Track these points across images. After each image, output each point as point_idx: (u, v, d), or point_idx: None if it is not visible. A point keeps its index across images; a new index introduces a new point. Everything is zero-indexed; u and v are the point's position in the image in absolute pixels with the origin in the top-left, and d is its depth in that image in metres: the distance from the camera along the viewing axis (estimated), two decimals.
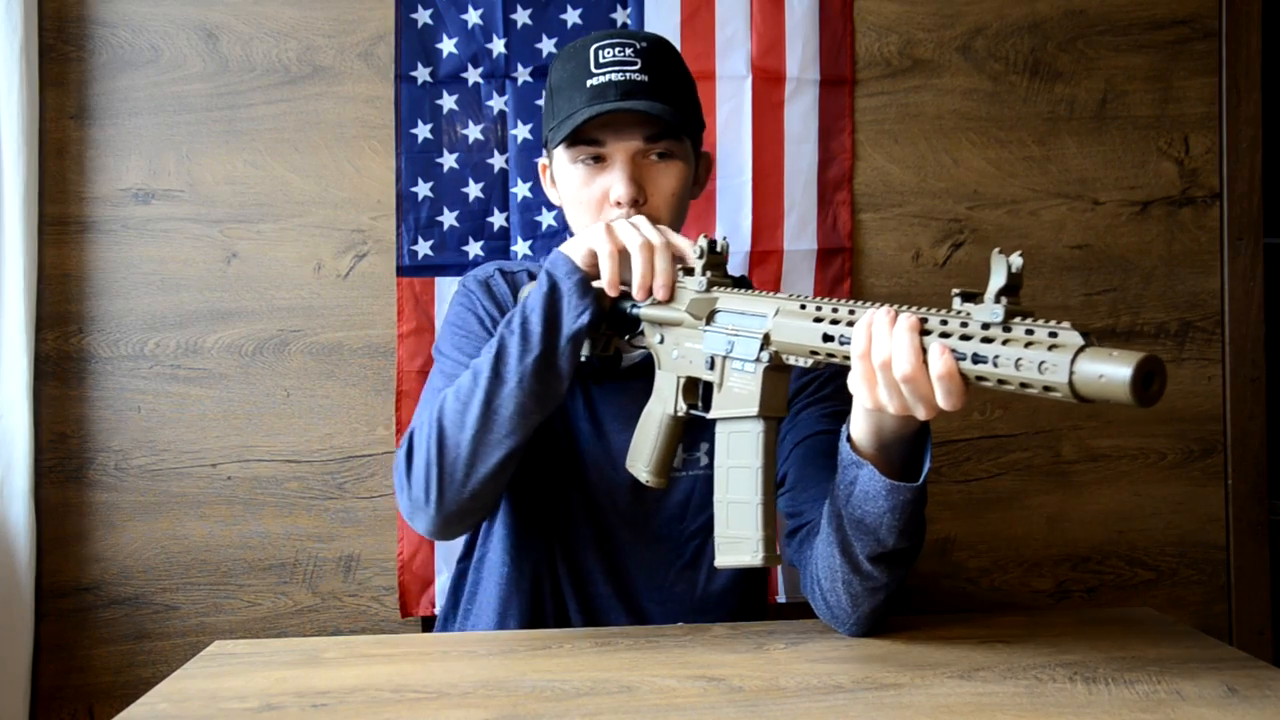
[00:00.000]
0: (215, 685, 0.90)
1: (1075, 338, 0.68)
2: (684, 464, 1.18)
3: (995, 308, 0.73)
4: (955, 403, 0.76)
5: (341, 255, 1.66)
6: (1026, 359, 0.70)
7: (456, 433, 1.01)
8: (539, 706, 0.83)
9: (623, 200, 1.09)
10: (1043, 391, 0.70)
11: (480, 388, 1.00)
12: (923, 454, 0.90)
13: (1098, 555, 1.74)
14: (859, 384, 0.82)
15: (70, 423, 1.63)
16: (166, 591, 1.63)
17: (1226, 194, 1.74)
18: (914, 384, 0.77)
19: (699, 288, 0.98)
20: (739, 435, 0.93)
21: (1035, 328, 0.71)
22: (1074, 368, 0.67)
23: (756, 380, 0.91)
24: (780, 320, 0.89)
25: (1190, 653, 0.95)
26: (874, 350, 0.79)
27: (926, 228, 1.71)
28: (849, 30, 1.69)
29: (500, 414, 1.00)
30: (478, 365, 1.02)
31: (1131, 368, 0.65)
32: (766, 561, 0.91)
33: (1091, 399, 0.67)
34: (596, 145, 1.10)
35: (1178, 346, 1.74)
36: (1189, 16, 1.73)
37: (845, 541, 0.94)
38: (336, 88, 1.65)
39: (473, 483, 1.01)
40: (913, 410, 0.79)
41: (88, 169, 1.63)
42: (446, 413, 1.02)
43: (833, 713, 0.81)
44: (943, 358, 0.74)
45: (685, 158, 1.14)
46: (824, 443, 1.09)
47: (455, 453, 1.01)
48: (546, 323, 1.00)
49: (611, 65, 1.10)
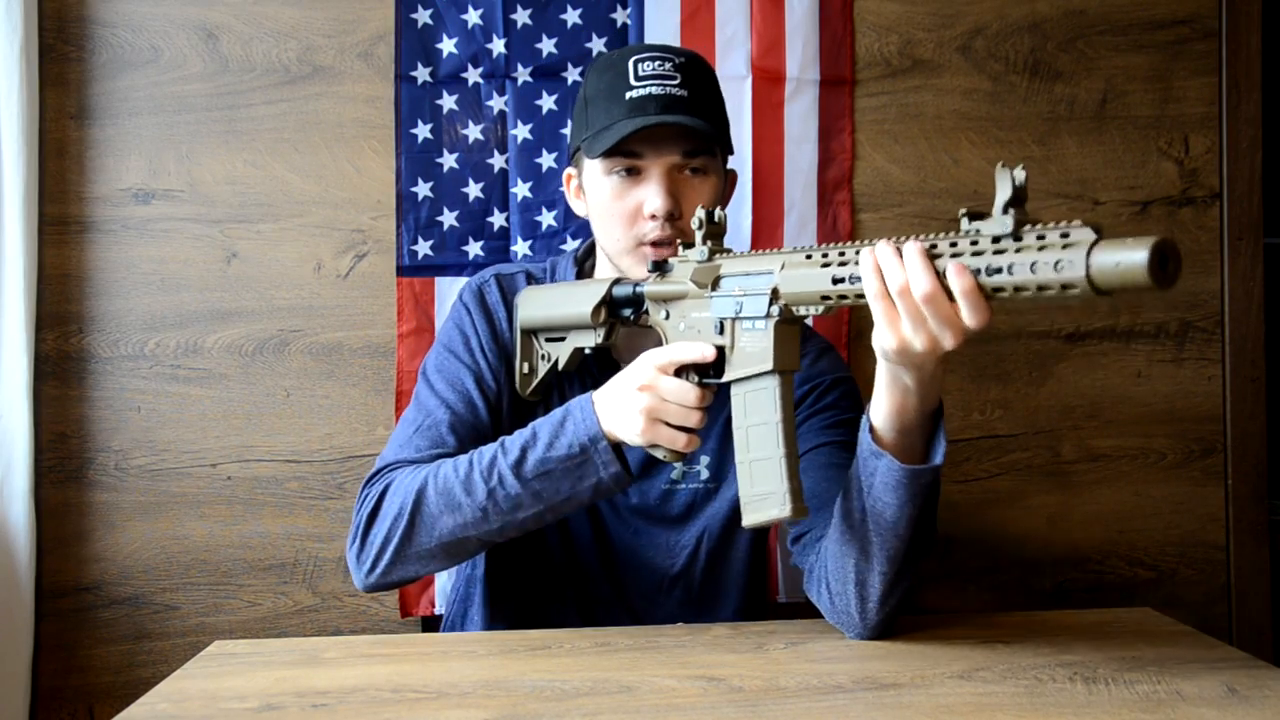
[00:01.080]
0: (215, 685, 0.90)
1: (1087, 234, 0.69)
2: (684, 476, 1.18)
3: (1004, 219, 0.73)
4: (981, 318, 0.76)
5: (341, 255, 1.66)
6: (1042, 261, 0.70)
7: (425, 536, 1.02)
8: (539, 706, 0.83)
9: (659, 213, 1.08)
10: (1061, 291, 0.70)
11: (463, 513, 1.01)
12: (935, 439, 0.91)
13: (1098, 555, 1.74)
14: (882, 328, 0.82)
15: (70, 423, 1.63)
16: (166, 591, 1.63)
17: (1226, 194, 1.74)
18: (935, 304, 0.77)
19: (700, 257, 0.98)
20: (755, 393, 0.93)
21: (1046, 232, 0.71)
22: (1090, 260, 0.68)
23: (768, 336, 0.92)
24: (787, 273, 0.89)
25: (1190, 653, 0.95)
26: (889, 279, 0.79)
27: (927, 228, 1.71)
28: (849, 30, 1.69)
29: (469, 542, 1.03)
30: (473, 481, 1.01)
31: (1148, 249, 0.65)
32: (795, 513, 0.90)
33: (1111, 290, 0.67)
34: (634, 158, 1.10)
35: (1178, 346, 1.74)
36: (1189, 16, 1.73)
37: (864, 539, 0.94)
38: (336, 88, 1.65)
39: (416, 573, 1.05)
40: (939, 338, 0.79)
41: (88, 169, 1.63)
42: (425, 509, 1.02)
43: (833, 713, 0.81)
44: (961, 275, 0.75)
45: (718, 173, 1.15)
46: (827, 454, 1.09)
47: (414, 550, 1.03)
48: (559, 493, 1.00)
49: (651, 79, 1.10)
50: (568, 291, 1.12)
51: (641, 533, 1.18)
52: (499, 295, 1.20)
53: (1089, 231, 0.69)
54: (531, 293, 1.16)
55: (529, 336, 1.15)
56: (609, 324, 1.07)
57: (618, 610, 1.19)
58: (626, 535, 1.18)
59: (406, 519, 1.02)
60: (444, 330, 1.21)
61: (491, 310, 1.19)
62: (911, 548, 0.93)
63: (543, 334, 1.14)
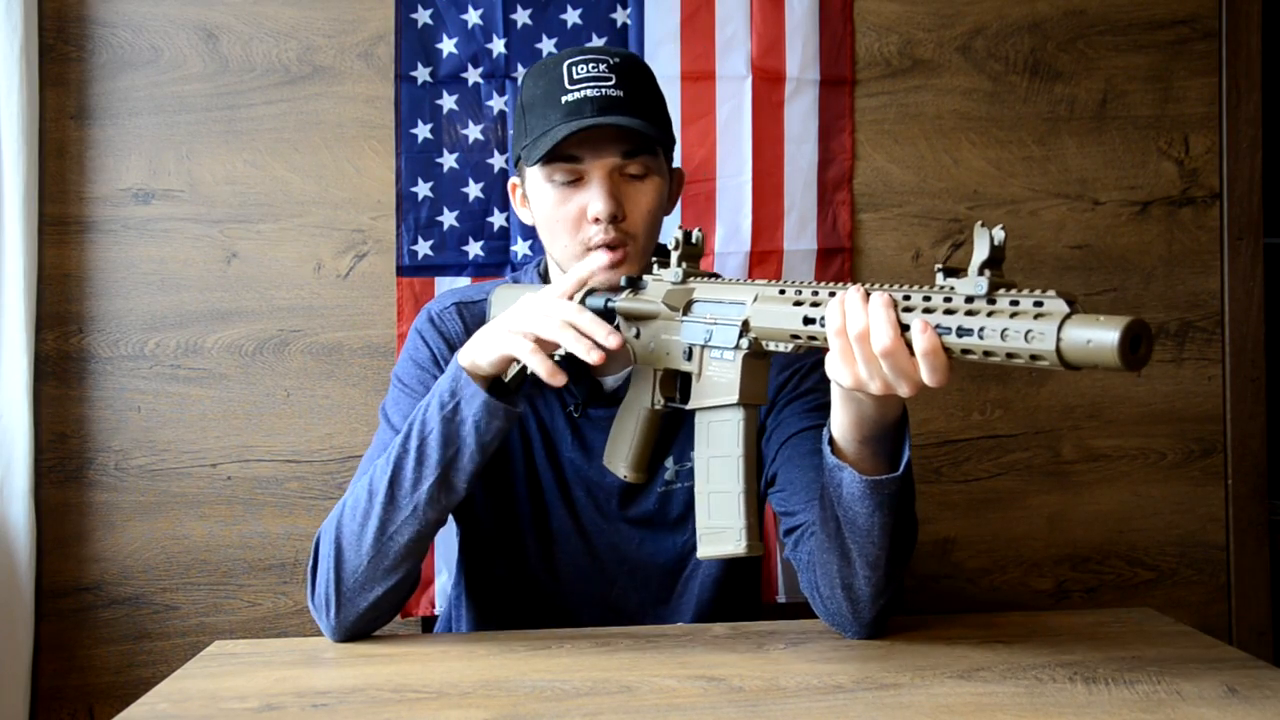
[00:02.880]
0: (215, 685, 0.90)
1: (1061, 305, 0.68)
2: (677, 475, 1.17)
3: (979, 280, 0.72)
4: (940, 379, 0.75)
5: (341, 255, 1.66)
6: (1013, 329, 0.69)
7: (353, 555, 1.01)
8: (539, 706, 0.83)
9: (602, 216, 1.05)
10: (1030, 361, 0.69)
11: (375, 514, 0.99)
12: (902, 445, 0.90)
13: (1098, 555, 1.74)
14: (838, 364, 0.81)
15: (70, 423, 1.63)
16: (166, 591, 1.63)
17: (1226, 194, 1.74)
18: (894, 358, 0.76)
19: (675, 279, 0.97)
20: (719, 424, 0.93)
21: (1020, 298, 0.70)
22: (1061, 334, 0.67)
23: (736, 368, 0.91)
24: (759, 306, 0.88)
25: (1190, 653, 0.95)
26: (849, 324, 0.79)
27: (926, 228, 1.71)
28: (849, 30, 1.69)
29: (395, 541, 1.00)
30: (374, 483, 1.00)
31: (1119, 331, 0.64)
32: (749, 550, 0.90)
33: (1080, 365, 0.67)
34: (574, 162, 1.07)
35: (1178, 346, 1.74)
36: (1189, 16, 1.73)
37: (842, 546, 0.93)
38: (336, 88, 1.65)
39: (368, 602, 1.02)
40: (895, 387, 0.78)
41: (88, 169, 1.63)
42: (344, 532, 1.01)
43: (833, 713, 0.81)
44: (925, 334, 0.74)
45: (661, 174, 1.12)
46: (810, 439, 1.08)
47: (352, 577, 1.01)
48: (445, 444, 0.98)
49: (586, 81, 1.07)
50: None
51: (646, 541, 1.16)
52: (459, 324, 1.17)
53: (1062, 303, 0.68)
54: (505, 292, 1.13)
55: None
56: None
57: (630, 620, 1.18)
58: (631, 548, 1.17)
59: (334, 549, 1.01)
60: (399, 365, 1.18)
61: (451, 338, 1.16)
62: (891, 552, 0.93)
63: None
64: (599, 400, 1.14)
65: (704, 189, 1.65)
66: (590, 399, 1.14)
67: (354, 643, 1.04)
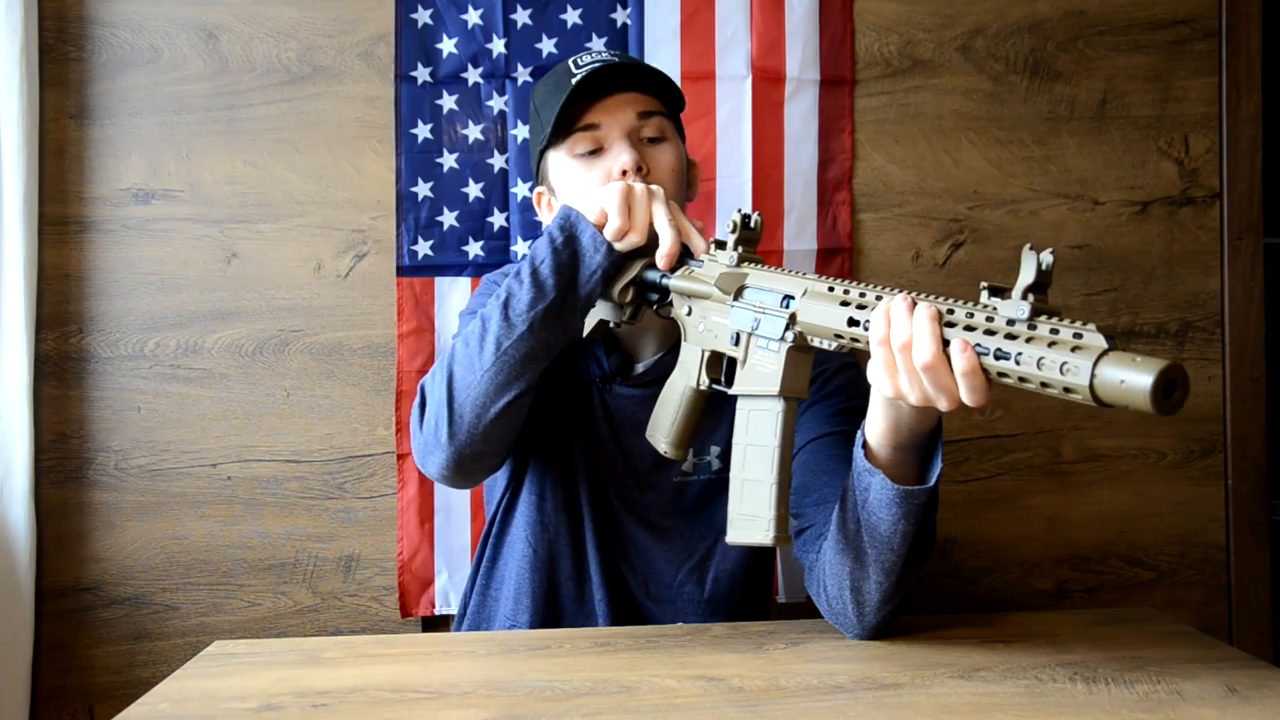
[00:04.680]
0: (215, 685, 0.90)
1: (1100, 340, 0.68)
2: (695, 468, 1.18)
3: (1022, 304, 0.72)
4: (979, 399, 0.75)
5: (341, 255, 1.66)
6: (1049, 359, 0.69)
7: (466, 374, 1.01)
8: (539, 706, 0.83)
9: (628, 167, 1.09)
10: (1063, 393, 0.69)
11: (491, 334, 1.00)
12: (934, 456, 0.90)
13: (1098, 555, 1.74)
14: (880, 372, 0.81)
15: (70, 423, 1.63)
16: (166, 591, 1.63)
17: (1226, 194, 1.74)
18: (934, 373, 0.76)
19: (729, 262, 0.98)
20: (759, 414, 0.93)
21: (1060, 327, 0.70)
22: (1095, 371, 0.66)
23: (780, 359, 0.91)
24: (807, 302, 0.89)
25: (1190, 653, 0.95)
26: (893, 334, 0.79)
27: (926, 228, 1.71)
28: (849, 30, 1.69)
29: (509, 356, 0.99)
30: (485, 313, 1.02)
31: (1154, 376, 0.64)
32: (777, 541, 0.90)
33: (1112, 404, 0.67)
34: (592, 130, 1.12)
35: (1178, 346, 1.74)
36: (1189, 16, 1.73)
37: (859, 549, 0.93)
38: (336, 88, 1.65)
39: (485, 422, 1.01)
40: (934, 401, 0.78)
41: (88, 169, 1.63)
42: (457, 357, 1.02)
43: (833, 713, 0.81)
44: (964, 354, 0.74)
45: (676, 142, 1.16)
46: (831, 444, 1.09)
47: (466, 393, 1.00)
48: (559, 271, 1.00)
49: (591, 62, 1.12)
50: None
51: (657, 528, 1.18)
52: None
53: (1101, 339, 0.68)
54: None
55: None
56: (636, 304, 1.07)
57: (641, 609, 1.19)
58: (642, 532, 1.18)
59: (445, 375, 1.02)
60: (470, 305, 1.23)
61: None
62: (907, 561, 0.93)
63: None
64: (629, 378, 1.16)
65: (704, 189, 1.65)
66: (621, 373, 1.15)
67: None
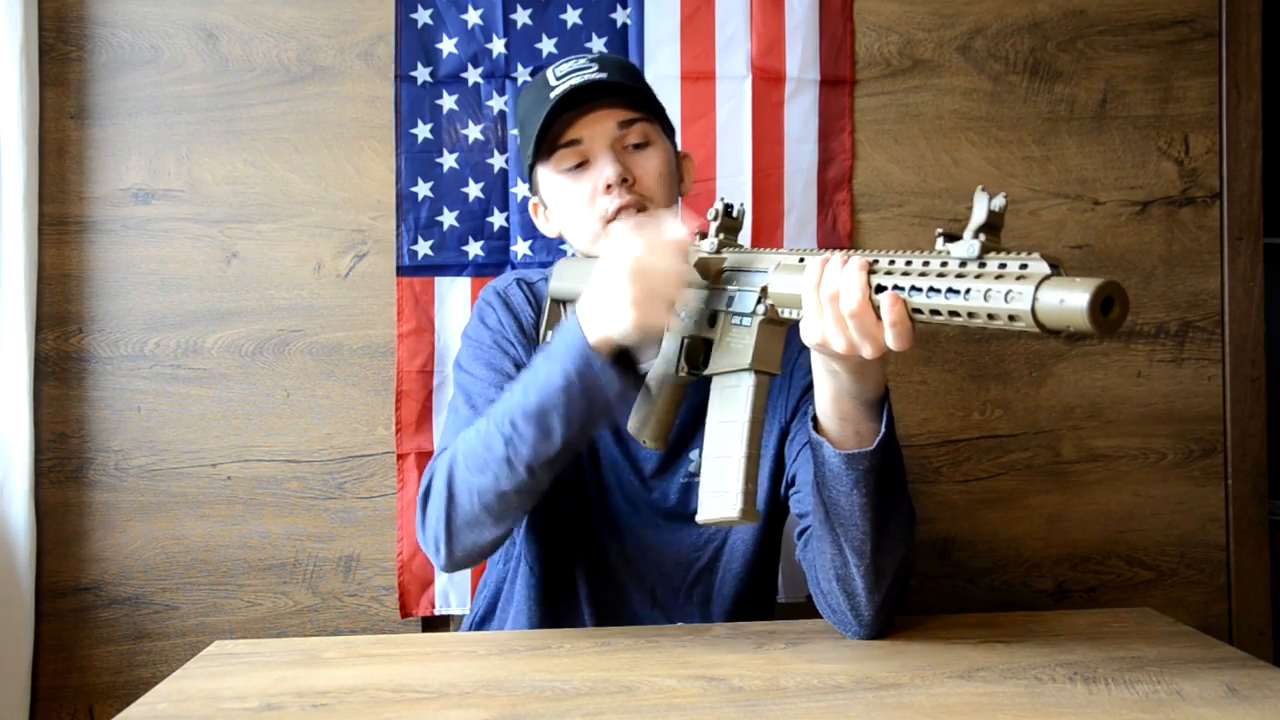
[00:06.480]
0: (215, 685, 0.90)
1: (1043, 267, 0.69)
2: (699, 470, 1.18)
3: (973, 244, 0.73)
4: (903, 345, 0.77)
5: (341, 255, 1.66)
6: (994, 289, 0.70)
7: (466, 501, 1.02)
8: (539, 706, 0.83)
9: (612, 180, 1.10)
10: (1008, 322, 0.70)
11: (491, 469, 0.99)
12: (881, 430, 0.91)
13: (1098, 555, 1.74)
14: (810, 319, 0.83)
15: (70, 423, 1.63)
16: (166, 591, 1.63)
17: (1226, 194, 1.74)
18: (859, 320, 0.79)
19: (711, 249, 0.99)
20: (731, 389, 0.93)
21: (1007, 261, 0.71)
22: (1037, 295, 0.67)
23: (752, 333, 0.91)
24: (778, 275, 0.89)
25: (1190, 653, 0.95)
26: (823, 284, 0.81)
27: (926, 228, 1.71)
28: (849, 30, 1.69)
29: (509, 498, 1.00)
30: (490, 438, 0.99)
31: (1091, 291, 0.65)
32: (744, 515, 0.89)
33: (1055, 328, 0.67)
34: (575, 146, 1.12)
35: (1178, 346, 1.74)
36: (1189, 16, 1.73)
37: (832, 533, 0.95)
38: (336, 88, 1.65)
39: (481, 540, 1.04)
40: (859, 347, 0.80)
41: (88, 169, 1.63)
42: (457, 477, 1.02)
43: (833, 713, 0.81)
44: (893, 308, 0.76)
45: (663, 143, 1.16)
46: None
47: (464, 519, 1.02)
48: (569, 424, 0.96)
49: (569, 74, 1.13)
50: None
51: (664, 530, 1.18)
52: (523, 299, 1.21)
53: (1045, 265, 0.69)
54: (566, 264, 1.18)
55: (559, 305, 1.17)
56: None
57: (646, 609, 1.19)
58: (649, 534, 1.18)
59: (446, 493, 1.02)
60: (468, 327, 1.22)
61: (516, 310, 1.21)
62: (877, 541, 0.93)
63: (572, 304, 1.15)
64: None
65: (704, 189, 1.65)
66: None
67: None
